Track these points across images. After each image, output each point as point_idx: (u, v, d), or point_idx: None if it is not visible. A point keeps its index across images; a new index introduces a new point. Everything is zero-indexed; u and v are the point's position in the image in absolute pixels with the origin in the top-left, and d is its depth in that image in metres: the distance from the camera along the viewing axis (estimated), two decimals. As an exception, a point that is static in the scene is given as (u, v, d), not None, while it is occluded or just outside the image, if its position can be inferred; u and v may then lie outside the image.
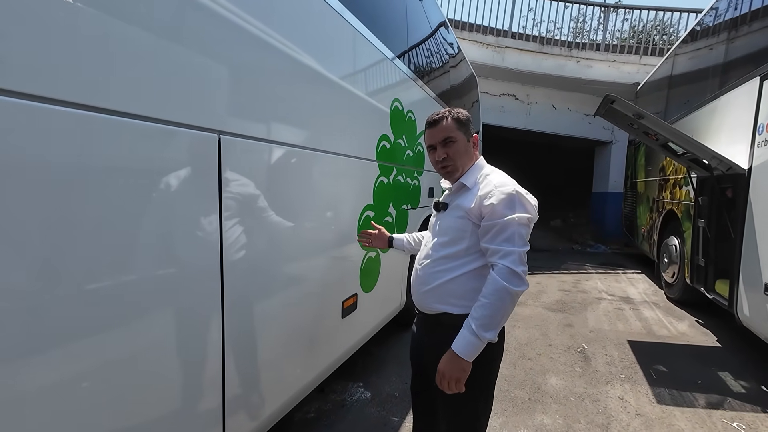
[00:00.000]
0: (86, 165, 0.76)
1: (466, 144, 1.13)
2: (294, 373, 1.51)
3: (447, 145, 1.12)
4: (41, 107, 0.68)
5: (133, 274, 0.86)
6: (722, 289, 2.85)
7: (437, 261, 1.09)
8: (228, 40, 1.07)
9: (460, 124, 1.12)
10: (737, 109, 2.82)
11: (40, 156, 0.69)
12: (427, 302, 1.11)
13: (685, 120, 3.82)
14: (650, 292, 4.44)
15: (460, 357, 0.96)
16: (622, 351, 2.80)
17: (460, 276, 1.05)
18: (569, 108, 7.92)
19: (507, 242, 0.97)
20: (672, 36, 8.07)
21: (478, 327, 0.95)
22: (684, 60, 4.25)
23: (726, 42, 3.22)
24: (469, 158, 1.13)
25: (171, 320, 0.97)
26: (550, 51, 7.06)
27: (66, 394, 0.76)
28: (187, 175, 0.98)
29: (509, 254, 0.96)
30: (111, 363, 0.83)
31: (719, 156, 2.68)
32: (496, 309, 0.95)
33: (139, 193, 0.86)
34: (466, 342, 0.96)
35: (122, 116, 0.81)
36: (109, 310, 0.82)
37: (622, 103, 2.63)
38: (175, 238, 0.96)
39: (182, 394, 1.01)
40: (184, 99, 0.95)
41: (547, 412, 2.01)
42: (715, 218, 3.02)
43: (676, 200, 3.92)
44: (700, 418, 2.00)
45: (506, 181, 1.05)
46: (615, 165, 8.02)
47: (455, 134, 1.11)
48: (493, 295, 0.95)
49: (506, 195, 0.99)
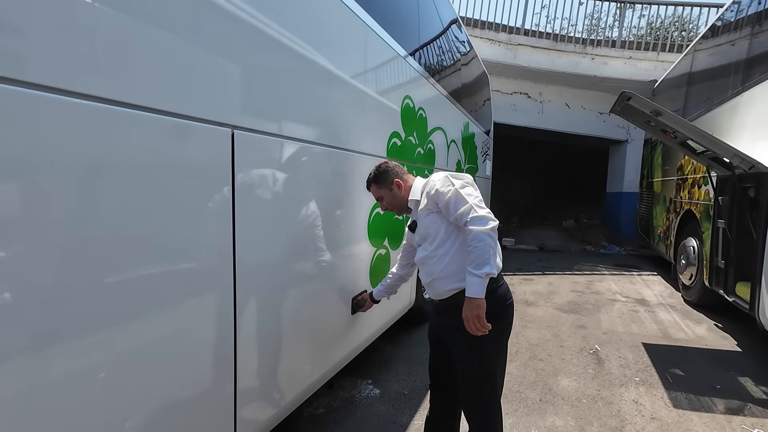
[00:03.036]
0: (100, 157, 0.78)
1: (390, 194, 1.47)
2: (304, 369, 1.52)
3: (381, 201, 1.51)
4: (61, 99, 0.70)
5: (142, 268, 0.87)
6: (743, 292, 2.76)
7: (431, 255, 1.32)
8: (243, 38, 1.08)
9: (378, 184, 1.48)
10: (761, 106, 2.73)
11: (56, 148, 0.71)
12: (439, 288, 1.32)
13: (706, 117, 3.71)
14: (666, 294, 4.33)
15: (472, 297, 1.16)
16: (636, 354, 2.74)
17: (453, 255, 1.28)
18: (583, 106, 7.77)
19: (460, 204, 1.23)
20: (691, 32, 7.84)
21: (474, 267, 1.16)
22: (704, 56, 4.12)
23: (749, 37, 3.11)
24: (400, 198, 1.45)
25: (183, 314, 0.98)
26: (564, 48, 6.93)
27: (91, 383, 0.78)
28: (200, 169, 0.99)
29: (467, 211, 1.21)
30: (123, 355, 0.85)
31: (741, 154, 2.59)
32: (480, 249, 1.16)
33: (152, 186, 0.88)
34: (471, 284, 1.17)
35: (135, 109, 0.82)
36: (120, 304, 0.83)
37: (639, 99, 2.57)
38: (188, 233, 0.97)
39: (195, 386, 1.03)
40: (199, 94, 0.96)
41: (559, 414, 1.97)
42: (736, 218, 2.92)
43: (694, 200, 3.81)
44: (719, 424, 1.94)
45: (439, 174, 1.33)
46: (630, 164, 7.84)
47: (378, 193, 1.50)
48: (473, 239, 1.17)
49: (440, 179, 1.30)
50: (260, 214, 1.20)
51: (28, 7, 0.65)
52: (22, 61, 0.65)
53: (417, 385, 2.21)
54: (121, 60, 0.79)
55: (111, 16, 0.76)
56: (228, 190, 1.06)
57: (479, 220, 1.18)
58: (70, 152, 0.72)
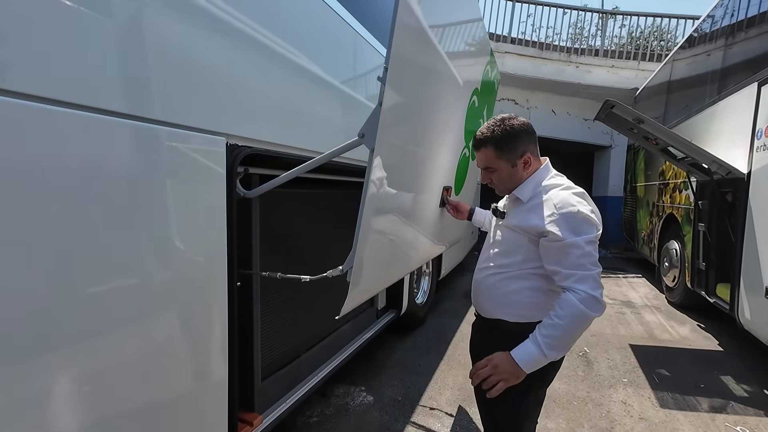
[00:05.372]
0: (93, 165, 0.77)
1: (510, 170, 1.04)
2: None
3: (490, 172, 1.08)
4: (52, 110, 0.69)
5: (136, 272, 0.87)
6: (723, 293, 2.86)
7: (494, 269, 1.07)
8: (236, 45, 1.09)
9: (500, 151, 1.03)
10: (736, 114, 2.85)
11: (50, 157, 0.70)
12: (485, 307, 1.11)
13: (684, 125, 3.85)
14: (651, 296, 4.44)
15: (520, 366, 0.93)
16: (624, 355, 2.80)
17: (518, 289, 1.03)
18: (568, 113, 7.96)
19: (578, 266, 0.91)
20: (669, 42, 8.14)
21: (546, 345, 0.91)
22: (682, 65, 4.29)
23: (724, 48, 3.26)
24: (518, 179, 1.05)
25: (182, 313, 0.97)
26: (550, 56, 7.12)
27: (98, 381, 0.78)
28: (195, 178, 0.99)
29: (585, 279, 0.90)
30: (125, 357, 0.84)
31: (719, 160, 2.70)
32: (569, 331, 0.91)
33: (148, 194, 0.87)
34: (528, 354, 0.93)
35: (130, 119, 0.82)
36: (116, 307, 0.83)
37: (622, 107, 2.66)
38: (182, 238, 0.97)
39: (192, 372, 1.02)
40: (195, 103, 0.96)
41: (551, 416, 2.00)
42: (715, 222, 3.03)
43: (676, 204, 3.94)
44: (704, 422, 1.99)
45: (568, 199, 0.95)
46: (614, 169, 8.05)
47: (494, 164, 1.05)
48: (570, 317, 0.89)
49: (569, 216, 0.92)
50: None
51: (18, 12, 0.64)
52: (7, 69, 0.64)
53: (411, 391, 2.21)
54: (112, 68, 0.78)
55: (104, 23, 0.76)
56: (222, 197, 1.06)
57: (595, 303, 0.89)
58: (66, 162, 0.72)
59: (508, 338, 0.99)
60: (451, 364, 2.56)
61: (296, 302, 1.62)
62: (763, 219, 2.40)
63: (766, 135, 2.41)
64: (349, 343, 2.09)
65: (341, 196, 1.89)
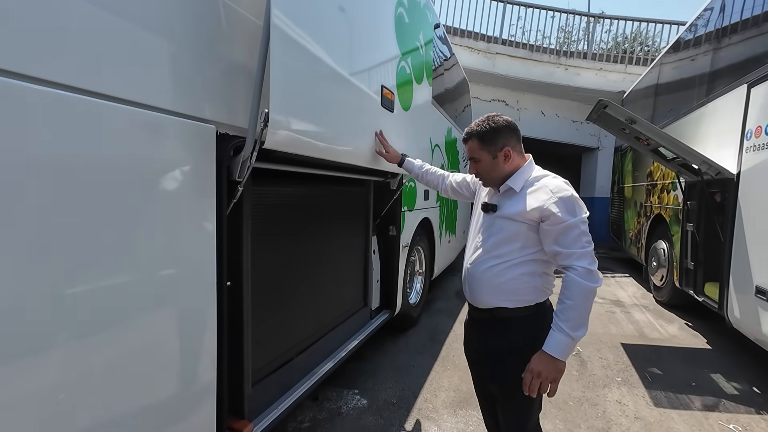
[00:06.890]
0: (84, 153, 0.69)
1: (492, 161, 1.13)
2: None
3: (475, 162, 1.17)
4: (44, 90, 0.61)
5: (118, 268, 0.79)
6: (712, 292, 2.90)
7: (493, 259, 1.11)
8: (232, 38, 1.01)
9: (483, 142, 1.13)
10: (725, 116, 2.90)
11: (22, 141, 0.62)
12: (482, 298, 1.14)
13: (673, 126, 3.91)
14: (639, 295, 4.50)
15: (556, 358, 1.00)
16: (616, 354, 2.80)
17: (518, 275, 1.08)
18: (557, 114, 8.07)
19: (576, 244, 1.00)
20: (653, 47, 8.33)
21: (570, 328, 0.99)
22: (670, 69, 4.36)
23: (712, 51, 3.31)
24: (500, 170, 1.13)
25: (168, 314, 0.89)
26: (540, 58, 7.19)
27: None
28: (184, 166, 0.91)
29: (582, 255, 1.00)
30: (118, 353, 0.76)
31: (709, 161, 2.74)
32: (583, 308, 1.00)
33: (138, 183, 0.79)
34: (559, 342, 1.00)
35: (121, 103, 0.74)
36: (95, 303, 0.75)
37: (615, 107, 2.67)
38: (174, 231, 0.89)
39: (181, 369, 0.94)
40: (185, 90, 0.89)
41: (547, 417, 1.97)
42: (704, 222, 3.07)
43: (664, 204, 4.00)
44: (698, 421, 2.00)
45: (562, 185, 1.07)
46: (602, 170, 8.20)
47: (477, 155, 1.15)
48: (579, 296, 0.99)
49: (566, 200, 1.03)
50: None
51: None
52: None
53: (405, 394, 2.16)
54: (103, 51, 0.70)
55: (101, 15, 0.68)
56: (212, 186, 0.98)
57: (593, 275, 0.99)
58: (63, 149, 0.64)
59: (507, 325, 1.10)
60: (445, 365, 2.52)
61: (288, 303, 1.55)
62: (751, 218, 2.44)
63: (756, 136, 2.45)
64: (343, 345, 2.03)
65: (335, 193, 1.83)
